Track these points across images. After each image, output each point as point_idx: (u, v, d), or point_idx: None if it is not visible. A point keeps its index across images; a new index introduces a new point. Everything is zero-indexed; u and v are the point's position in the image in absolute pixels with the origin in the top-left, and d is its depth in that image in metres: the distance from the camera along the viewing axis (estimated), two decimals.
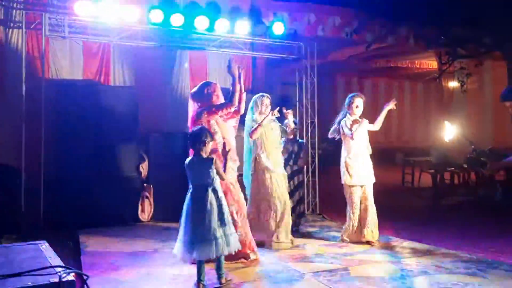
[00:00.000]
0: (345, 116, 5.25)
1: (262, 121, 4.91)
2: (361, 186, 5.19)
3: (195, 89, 4.67)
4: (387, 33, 8.29)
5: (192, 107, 4.55)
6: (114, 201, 6.25)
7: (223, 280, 3.73)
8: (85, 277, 1.69)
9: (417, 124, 17.31)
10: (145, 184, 6.58)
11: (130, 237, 5.55)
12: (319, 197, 7.48)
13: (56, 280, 1.42)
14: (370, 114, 5.48)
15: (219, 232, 3.61)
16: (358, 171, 5.14)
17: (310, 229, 6.07)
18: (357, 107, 5.20)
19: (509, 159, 4.49)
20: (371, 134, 5.39)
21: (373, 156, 5.36)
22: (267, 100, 5.09)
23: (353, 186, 5.16)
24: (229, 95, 4.52)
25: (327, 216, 6.97)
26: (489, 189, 8.20)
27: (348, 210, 5.25)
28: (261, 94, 5.22)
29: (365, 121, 5.15)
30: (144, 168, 6.67)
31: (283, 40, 7.33)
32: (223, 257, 3.74)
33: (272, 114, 4.95)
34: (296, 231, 5.68)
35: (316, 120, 7.66)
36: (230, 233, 3.70)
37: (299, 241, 5.37)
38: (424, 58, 13.53)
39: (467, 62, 10.06)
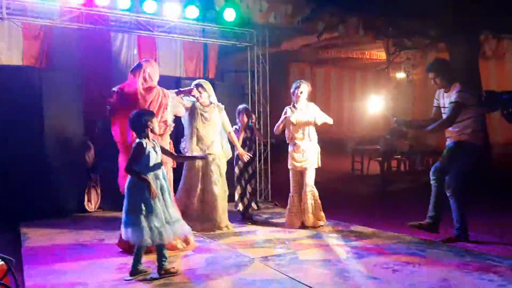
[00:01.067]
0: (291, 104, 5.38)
1: (179, 94, 4.94)
2: (299, 171, 5.32)
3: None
4: (338, 22, 8.42)
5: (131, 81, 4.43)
6: (59, 191, 6.05)
7: (162, 271, 3.59)
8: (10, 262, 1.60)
9: (367, 114, 17.81)
10: (91, 173, 6.36)
11: (75, 228, 5.37)
12: (271, 184, 7.55)
13: None
14: (322, 103, 5.58)
15: (143, 221, 3.47)
16: (295, 157, 5.27)
17: (262, 216, 6.11)
18: (301, 93, 5.31)
19: (429, 128, 4.70)
20: (324, 124, 5.47)
21: (324, 145, 5.49)
22: (198, 88, 5.16)
23: (291, 170, 5.34)
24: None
25: (279, 203, 7.04)
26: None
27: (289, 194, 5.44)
28: (197, 81, 5.29)
29: (287, 119, 5.26)
30: (90, 156, 6.45)
31: (235, 27, 7.26)
32: (162, 247, 3.60)
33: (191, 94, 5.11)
34: (249, 218, 5.78)
35: (268, 108, 7.69)
36: (157, 225, 3.50)
37: (250, 227, 5.44)
38: (374, 49, 13.87)
39: (412, 53, 10.43)
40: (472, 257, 4.02)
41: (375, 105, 5.37)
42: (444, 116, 4.54)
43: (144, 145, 3.56)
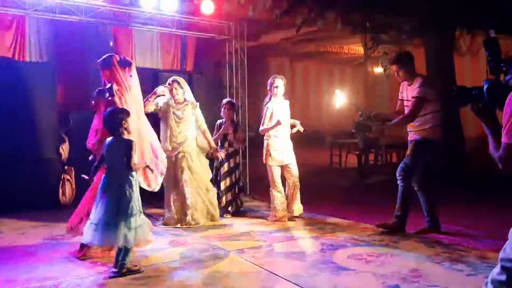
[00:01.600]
0: (269, 99, 5.39)
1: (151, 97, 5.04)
2: (282, 166, 5.38)
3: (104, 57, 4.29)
4: (316, 16, 8.43)
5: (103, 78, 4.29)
6: (33, 185, 5.94)
7: (124, 270, 3.48)
8: None
9: (346, 107, 18.00)
10: (66, 167, 6.26)
11: (49, 222, 5.29)
12: (250, 178, 7.56)
13: None
14: (301, 97, 5.61)
15: (124, 222, 3.42)
16: (278, 152, 5.32)
17: (240, 209, 6.12)
18: (277, 87, 5.33)
19: (391, 123, 4.65)
20: (302, 117, 5.51)
21: (303, 139, 5.53)
22: (174, 84, 5.17)
23: (273, 166, 5.35)
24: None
25: (257, 197, 7.07)
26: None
27: (271, 190, 5.41)
28: (173, 78, 5.27)
29: (279, 124, 5.26)
30: (64, 149, 6.34)
31: (213, 20, 7.23)
32: (131, 248, 3.52)
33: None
34: (228, 212, 5.76)
35: (246, 102, 7.69)
36: (137, 225, 3.48)
37: (227, 220, 5.46)
38: (352, 43, 13.99)
39: (390, 48, 10.52)
40: (443, 247, 4.12)
41: (353, 99, 5.44)
42: (407, 111, 4.59)
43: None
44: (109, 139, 3.66)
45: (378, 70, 13.73)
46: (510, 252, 2.00)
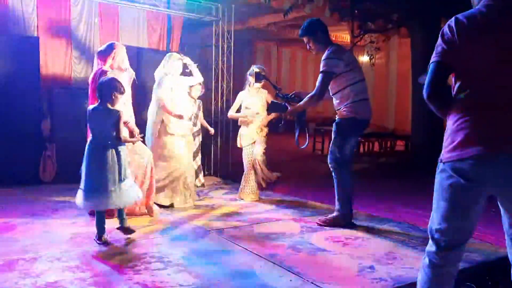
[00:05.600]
0: (248, 85, 5.51)
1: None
2: (252, 150, 5.51)
3: (102, 47, 4.47)
4: (304, 2, 8.43)
5: (96, 65, 4.38)
6: (13, 161, 5.87)
7: (126, 224, 3.85)
8: None
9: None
10: (47, 143, 6.20)
11: (29, 198, 5.26)
12: (232, 160, 7.59)
13: None
14: (287, 82, 5.62)
15: (116, 186, 3.60)
16: (248, 135, 5.47)
17: (221, 191, 6.18)
18: (252, 76, 5.43)
19: (301, 103, 4.18)
20: None
21: (287, 126, 5.61)
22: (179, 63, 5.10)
23: (245, 147, 5.52)
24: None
25: (239, 179, 7.10)
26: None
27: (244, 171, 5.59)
28: (177, 54, 5.24)
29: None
30: (46, 125, 6.27)
31: (200, 0, 7.18)
32: (122, 209, 3.84)
33: None
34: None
35: (232, 85, 7.67)
36: (128, 187, 3.70)
37: (208, 201, 5.50)
38: (339, 31, 14.02)
39: (376, 37, 10.60)
40: (418, 232, 4.24)
41: None
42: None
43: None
44: (93, 106, 3.70)
45: (364, 58, 13.81)
46: (434, 223, 2.12)
